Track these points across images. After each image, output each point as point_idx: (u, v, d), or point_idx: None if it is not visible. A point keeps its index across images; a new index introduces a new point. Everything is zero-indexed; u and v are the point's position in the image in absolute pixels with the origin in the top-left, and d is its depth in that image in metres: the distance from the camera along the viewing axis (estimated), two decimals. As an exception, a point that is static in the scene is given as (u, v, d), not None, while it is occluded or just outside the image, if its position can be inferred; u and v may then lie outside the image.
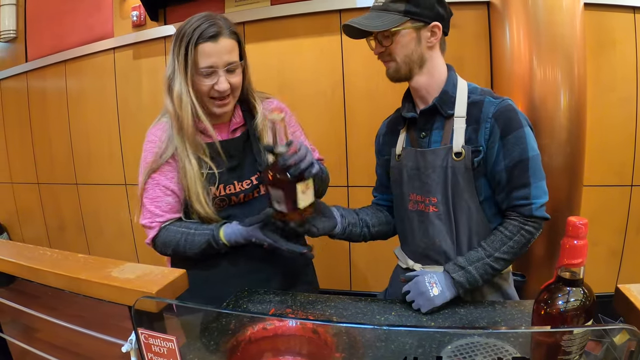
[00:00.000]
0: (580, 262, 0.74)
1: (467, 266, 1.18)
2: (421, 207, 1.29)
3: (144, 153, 1.33)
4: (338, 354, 0.89)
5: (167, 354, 0.70)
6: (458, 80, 1.27)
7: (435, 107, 1.25)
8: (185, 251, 1.26)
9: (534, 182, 1.19)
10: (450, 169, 1.22)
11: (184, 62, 1.20)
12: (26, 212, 3.95)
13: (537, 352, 0.80)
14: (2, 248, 1.21)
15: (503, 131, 1.18)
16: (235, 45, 1.25)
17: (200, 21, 1.20)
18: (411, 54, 1.22)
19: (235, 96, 1.30)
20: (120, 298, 0.85)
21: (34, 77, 3.51)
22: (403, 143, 1.35)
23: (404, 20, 1.18)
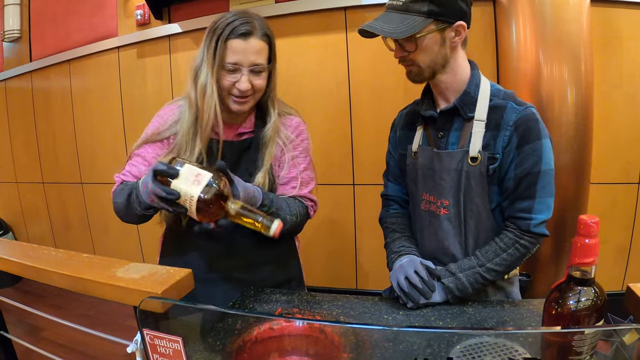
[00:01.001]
0: (592, 261, 0.73)
1: (458, 273, 1.17)
2: (432, 208, 1.28)
3: (150, 124, 1.36)
4: (345, 355, 0.88)
5: (172, 355, 0.69)
6: (481, 80, 1.22)
7: (455, 107, 1.21)
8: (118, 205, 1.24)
9: (540, 197, 1.16)
10: (464, 173, 1.19)
11: (212, 55, 1.20)
12: (31, 211, 3.96)
13: (548, 352, 0.79)
14: (7, 248, 1.20)
15: (521, 141, 1.14)
16: (265, 47, 1.23)
17: (235, 17, 1.20)
18: (435, 57, 1.16)
19: (255, 98, 1.28)
20: (125, 298, 0.85)
21: (39, 77, 3.52)
22: (420, 140, 1.31)
23: (428, 22, 1.11)
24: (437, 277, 1.18)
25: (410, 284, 1.15)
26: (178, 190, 0.97)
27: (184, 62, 2.93)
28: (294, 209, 1.31)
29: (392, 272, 1.23)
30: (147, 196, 1.04)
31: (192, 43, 2.88)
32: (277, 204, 1.24)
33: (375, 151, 2.59)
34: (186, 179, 0.98)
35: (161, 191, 0.97)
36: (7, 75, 3.67)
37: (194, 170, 0.99)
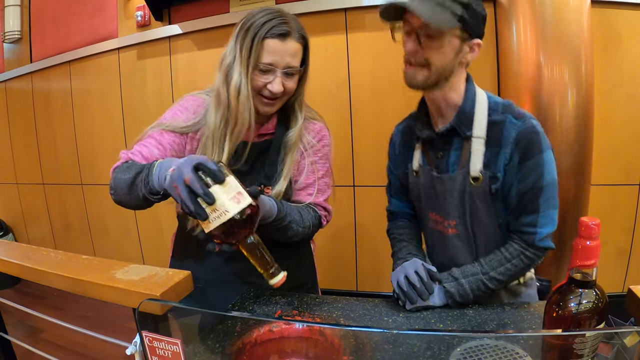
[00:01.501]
0: (593, 263, 0.73)
1: (461, 278, 1.16)
2: (440, 228, 1.27)
3: (170, 110, 1.29)
4: (345, 357, 0.87)
5: (171, 357, 0.69)
6: (476, 93, 1.19)
7: (453, 128, 1.18)
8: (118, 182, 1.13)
9: (543, 210, 1.15)
10: (467, 194, 1.18)
11: (247, 54, 1.15)
12: (31, 213, 3.96)
13: (549, 355, 0.79)
14: (6, 249, 1.20)
15: (522, 157, 1.12)
16: (300, 50, 1.21)
17: (272, 15, 1.16)
18: (447, 64, 1.11)
19: (283, 100, 1.25)
20: (124, 300, 0.84)
21: (39, 78, 3.52)
22: (419, 159, 1.29)
23: (456, 25, 1.07)
24: (438, 280, 1.17)
25: (409, 284, 1.15)
26: (214, 197, 0.89)
27: (184, 64, 2.93)
28: (307, 221, 1.28)
29: (393, 272, 1.23)
30: (171, 182, 0.92)
31: (192, 44, 2.88)
32: (291, 216, 1.21)
33: (376, 153, 2.59)
34: (227, 191, 0.90)
35: (199, 187, 0.87)
36: (7, 76, 3.67)
37: (237, 186, 0.92)
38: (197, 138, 1.26)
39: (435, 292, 1.15)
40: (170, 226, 1.46)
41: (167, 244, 1.47)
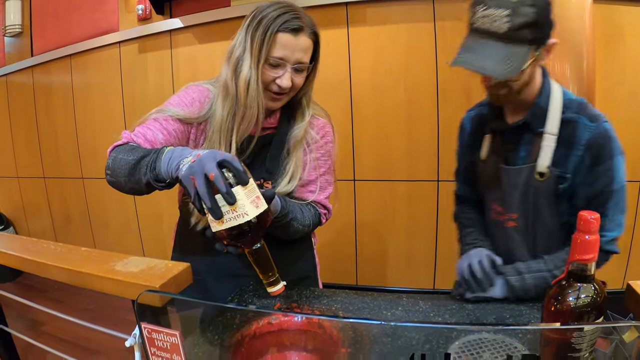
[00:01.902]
0: (592, 257, 0.73)
1: (525, 273, 1.15)
2: (500, 219, 1.27)
3: (175, 97, 1.25)
4: (344, 349, 0.88)
5: (170, 349, 0.69)
6: (552, 88, 1.16)
7: (526, 123, 1.17)
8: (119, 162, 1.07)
9: (611, 215, 1.13)
10: (532, 188, 1.17)
11: (258, 47, 1.13)
12: (32, 206, 3.97)
13: (547, 349, 0.79)
14: (7, 242, 1.21)
15: (593, 161, 1.11)
16: (311, 46, 1.20)
17: (285, 10, 1.14)
18: (527, 79, 1.12)
19: (290, 96, 1.24)
20: (123, 292, 0.84)
21: (40, 72, 3.52)
22: (488, 149, 1.28)
23: (531, 50, 1.04)
24: (501, 272, 1.17)
25: (471, 273, 1.15)
26: (236, 197, 0.86)
27: (185, 57, 2.93)
28: (308, 219, 1.27)
29: (459, 260, 1.24)
30: (189, 173, 0.87)
31: (193, 38, 2.87)
32: (293, 214, 1.20)
33: (376, 147, 2.60)
34: (248, 193, 0.88)
35: (223, 185, 0.84)
36: (8, 70, 3.67)
37: (256, 189, 0.90)
38: (201, 129, 1.25)
39: (497, 284, 1.15)
40: (171, 220, 1.46)
41: (167, 237, 1.48)
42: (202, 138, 1.25)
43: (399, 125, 2.53)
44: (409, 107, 2.50)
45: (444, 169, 2.51)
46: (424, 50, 2.41)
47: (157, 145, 1.14)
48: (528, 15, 1.00)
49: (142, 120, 1.20)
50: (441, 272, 2.67)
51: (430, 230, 2.62)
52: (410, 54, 2.44)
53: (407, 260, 2.71)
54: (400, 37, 2.44)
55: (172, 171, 0.93)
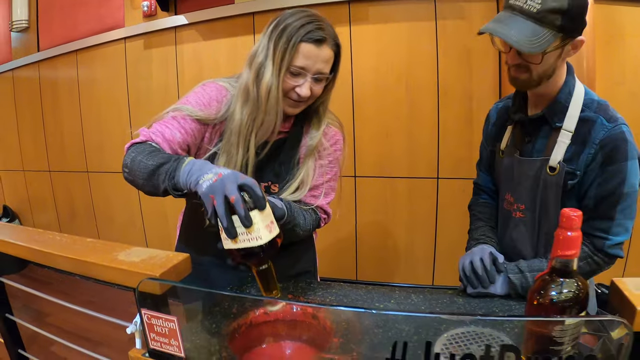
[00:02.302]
0: (574, 253, 0.76)
1: (526, 272, 1.17)
2: (510, 209, 1.30)
3: (194, 96, 1.24)
4: (336, 339, 0.91)
5: (168, 334, 0.72)
6: (575, 86, 1.17)
7: (543, 116, 1.19)
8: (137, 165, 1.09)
9: (619, 219, 1.14)
10: (542, 182, 1.19)
11: (281, 55, 1.14)
12: (38, 199, 4.02)
13: (529, 342, 0.82)
14: (13, 232, 1.24)
15: (606, 160, 1.11)
16: (332, 57, 1.20)
17: (309, 19, 1.15)
18: (548, 68, 1.12)
19: (307, 104, 1.25)
20: (125, 280, 0.88)
21: (46, 67, 3.56)
22: (508, 140, 1.32)
23: (557, 37, 1.06)
24: (501, 270, 1.19)
25: (472, 270, 1.18)
26: (252, 221, 0.88)
27: (190, 53, 2.96)
28: (309, 224, 1.30)
29: (462, 256, 1.26)
30: (210, 192, 0.89)
31: (197, 35, 2.90)
32: (296, 220, 1.23)
33: (377, 144, 2.62)
34: (264, 218, 0.91)
35: (242, 209, 0.87)
36: (15, 65, 3.71)
37: (270, 214, 0.94)
38: (216, 129, 1.26)
39: (499, 281, 1.18)
40: (175, 216, 1.49)
41: (171, 232, 1.51)
42: (216, 138, 1.26)
43: (399, 123, 2.56)
44: (410, 105, 2.52)
45: (443, 167, 2.53)
46: (426, 49, 2.43)
47: (174, 144, 1.16)
48: (560, 2, 1.03)
49: (159, 116, 1.21)
50: (440, 269, 2.69)
51: (429, 227, 2.64)
52: (411, 52, 2.47)
53: (406, 256, 2.74)
54: (402, 36, 2.46)
55: (190, 184, 0.95)
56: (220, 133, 1.26)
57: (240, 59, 2.74)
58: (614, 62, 2.26)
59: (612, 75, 2.27)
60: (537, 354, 0.75)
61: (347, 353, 0.89)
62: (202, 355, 0.90)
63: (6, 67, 3.78)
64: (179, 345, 0.76)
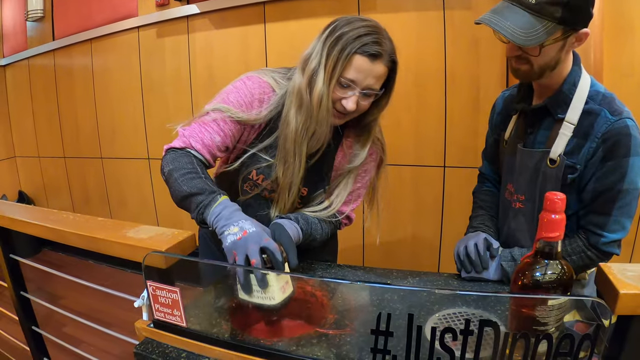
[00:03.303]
0: (558, 235, 0.78)
1: (519, 259, 1.18)
2: (510, 199, 1.30)
3: (235, 93, 1.21)
4: (331, 315, 0.95)
5: (171, 305, 0.77)
6: (581, 77, 1.14)
7: (545, 107, 1.17)
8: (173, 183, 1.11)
9: (616, 216, 1.12)
10: (542, 174, 1.18)
11: (333, 64, 1.09)
12: (53, 185, 4.11)
13: (514, 322, 0.85)
14: (29, 213, 1.31)
15: (606, 155, 1.09)
16: (385, 73, 1.15)
17: (367, 31, 1.09)
18: (550, 60, 1.09)
19: (352, 116, 1.21)
20: (132, 255, 0.93)
21: (61, 55, 3.62)
22: (512, 130, 1.31)
23: (557, 29, 1.04)
24: (494, 256, 1.21)
25: (466, 254, 1.21)
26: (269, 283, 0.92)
27: (202, 42, 2.99)
28: (327, 233, 1.32)
29: (458, 241, 1.29)
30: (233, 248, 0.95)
31: (209, 24, 2.93)
32: (313, 235, 1.25)
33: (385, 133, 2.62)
34: (279, 280, 0.94)
35: (260, 274, 0.91)
36: (30, 53, 3.78)
37: (286, 275, 0.97)
38: (255, 129, 1.24)
39: (492, 267, 1.20)
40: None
41: (183, 218, 1.53)
42: (253, 136, 1.25)
43: (407, 112, 2.57)
44: (417, 94, 2.53)
45: (450, 155, 2.55)
46: (433, 39, 2.44)
47: (213, 149, 1.18)
48: None
49: (200, 115, 1.19)
50: (446, 257, 2.71)
51: (436, 215, 2.66)
52: (419, 41, 2.47)
53: (412, 244, 2.76)
54: (410, 25, 2.47)
55: (217, 229, 1.01)
56: (258, 132, 1.24)
57: (251, 47, 2.77)
58: (623, 54, 2.25)
59: (620, 67, 2.25)
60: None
61: (342, 328, 0.93)
62: (203, 326, 0.95)
63: (22, 55, 3.85)
64: (181, 315, 0.81)
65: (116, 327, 1.46)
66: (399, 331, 0.72)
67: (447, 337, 0.70)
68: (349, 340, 0.90)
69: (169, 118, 3.15)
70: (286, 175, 1.21)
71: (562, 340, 0.69)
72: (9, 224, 1.29)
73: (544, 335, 0.69)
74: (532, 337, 0.69)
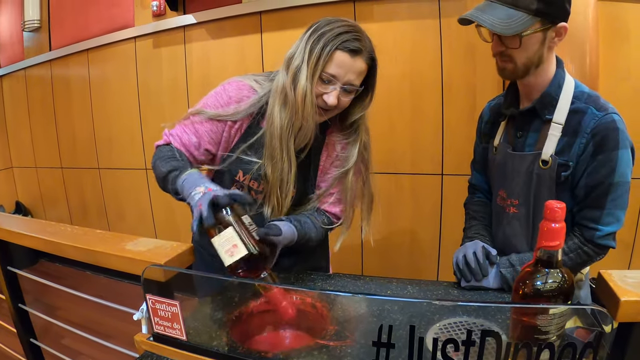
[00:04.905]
0: (558, 244, 0.78)
1: (517, 266, 1.19)
2: (503, 205, 1.31)
3: (214, 97, 1.27)
4: (332, 327, 0.95)
5: (171, 318, 0.76)
6: (565, 79, 1.20)
7: (534, 109, 1.20)
8: (156, 169, 1.20)
9: (609, 209, 1.14)
10: (535, 176, 1.20)
11: (315, 60, 1.14)
12: (50, 196, 4.09)
13: (515, 331, 0.85)
14: (26, 225, 1.30)
15: (596, 149, 1.12)
16: (365, 70, 1.20)
17: (347, 28, 1.15)
18: (533, 55, 1.14)
19: (333, 113, 1.25)
20: (131, 268, 0.93)
21: (58, 66, 3.62)
22: (502, 137, 1.33)
23: (535, 21, 1.09)
24: (493, 263, 1.22)
25: (466, 263, 1.21)
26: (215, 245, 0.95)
27: (198, 52, 3.00)
28: (321, 233, 1.35)
29: (456, 250, 1.28)
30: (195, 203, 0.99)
31: (206, 34, 2.95)
32: (309, 235, 1.27)
33: (382, 141, 2.63)
34: (225, 242, 0.95)
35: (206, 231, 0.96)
36: (27, 64, 3.78)
37: (233, 238, 0.95)
38: (235, 127, 1.27)
39: (492, 275, 1.20)
40: (185, 212, 1.53)
41: (181, 229, 1.55)
42: (237, 136, 1.28)
43: (404, 120, 2.58)
44: (414, 102, 2.54)
45: (448, 163, 2.55)
46: (430, 47, 2.45)
47: (191, 147, 1.25)
48: None
49: (185, 117, 1.28)
50: (445, 265, 2.71)
51: (434, 223, 2.66)
52: (416, 50, 2.48)
53: (411, 252, 2.76)
54: (406, 34, 2.48)
55: (184, 192, 1.07)
56: (242, 134, 1.27)
57: (247, 57, 2.77)
58: (619, 58, 2.26)
59: (616, 72, 2.26)
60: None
61: (342, 340, 0.93)
62: (203, 339, 0.94)
63: (19, 66, 3.85)
64: (181, 329, 0.80)
65: (115, 339, 1.45)
66: (400, 342, 0.72)
67: (448, 347, 0.70)
68: (349, 352, 0.90)
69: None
70: (275, 172, 1.23)
71: (564, 349, 0.69)
72: (7, 236, 1.29)
73: (546, 344, 0.69)
74: (534, 347, 0.69)
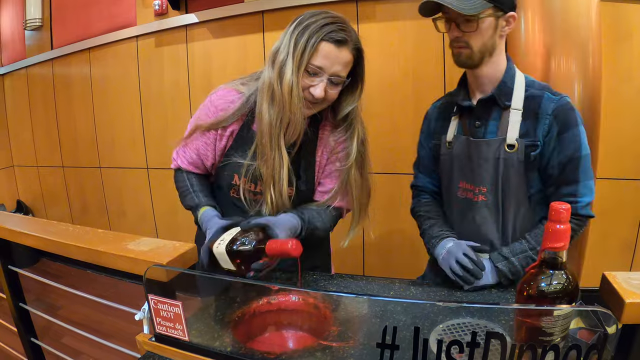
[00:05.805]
0: (563, 245, 0.78)
1: (511, 257, 1.22)
2: (469, 196, 1.32)
3: (203, 110, 1.31)
4: (334, 328, 0.94)
5: (173, 318, 0.76)
6: (516, 72, 1.28)
7: (493, 97, 1.26)
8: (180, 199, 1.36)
9: (583, 180, 1.22)
10: (502, 161, 1.25)
11: (300, 52, 1.13)
12: (51, 195, 4.10)
13: (519, 333, 0.84)
14: (28, 224, 1.30)
15: (561, 129, 1.20)
16: (351, 61, 1.19)
17: (332, 20, 1.15)
18: (487, 42, 1.21)
19: (322, 106, 1.24)
20: (133, 268, 0.92)
21: (59, 64, 3.62)
22: (455, 130, 1.36)
23: (488, 6, 1.16)
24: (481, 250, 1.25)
25: (462, 267, 1.21)
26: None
27: (200, 51, 2.99)
28: (327, 222, 1.33)
29: (442, 258, 1.26)
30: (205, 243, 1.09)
31: (208, 33, 2.94)
32: (314, 225, 1.27)
33: (384, 141, 2.63)
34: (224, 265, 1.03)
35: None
36: (29, 62, 3.78)
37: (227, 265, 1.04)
38: (225, 135, 1.29)
39: (487, 271, 1.21)
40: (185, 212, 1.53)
41: (182, 227, 1.55)
42: (222, 143, 1.30)
43: (406, 119, 2.57)
44: (416, 101, 2.54)
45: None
46: (432, 47, 2.45)
47: (197, 163, 1.35)
48: None
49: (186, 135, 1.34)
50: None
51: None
52: (418, 49, 2.48)
53: (412, 252, 2.76)
54: (408, 33, 2.48)
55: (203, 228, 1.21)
56: (234, 137, 1.29)
57: (249, 56, 2.77)
58: (622, 59, 2.26)
59: (619, 73, 2.26)
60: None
61: (345, 341, 0.92)
62: (205, 339, 0.94)
63: (20, 64, 3.85)
64: (183, 329, 0.80)
65: (116, 338, 1.45)
66: (403, 343, 0.71)
67: (452, 349, 0.69)
68: (352, 353, 0.89)
69: (168, 127, 3.15)
70: (267, 168, 1.23)
71: (568, 351, 0.68)
72: (8, 235, 1.28)
73: (550, 346, 0.68)
74: (539, 348, 0.68)
